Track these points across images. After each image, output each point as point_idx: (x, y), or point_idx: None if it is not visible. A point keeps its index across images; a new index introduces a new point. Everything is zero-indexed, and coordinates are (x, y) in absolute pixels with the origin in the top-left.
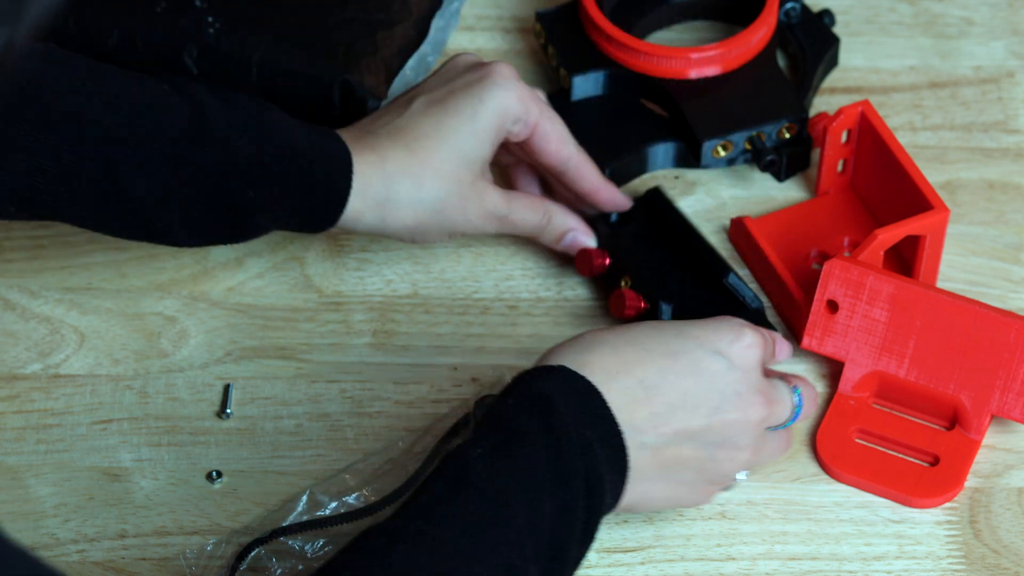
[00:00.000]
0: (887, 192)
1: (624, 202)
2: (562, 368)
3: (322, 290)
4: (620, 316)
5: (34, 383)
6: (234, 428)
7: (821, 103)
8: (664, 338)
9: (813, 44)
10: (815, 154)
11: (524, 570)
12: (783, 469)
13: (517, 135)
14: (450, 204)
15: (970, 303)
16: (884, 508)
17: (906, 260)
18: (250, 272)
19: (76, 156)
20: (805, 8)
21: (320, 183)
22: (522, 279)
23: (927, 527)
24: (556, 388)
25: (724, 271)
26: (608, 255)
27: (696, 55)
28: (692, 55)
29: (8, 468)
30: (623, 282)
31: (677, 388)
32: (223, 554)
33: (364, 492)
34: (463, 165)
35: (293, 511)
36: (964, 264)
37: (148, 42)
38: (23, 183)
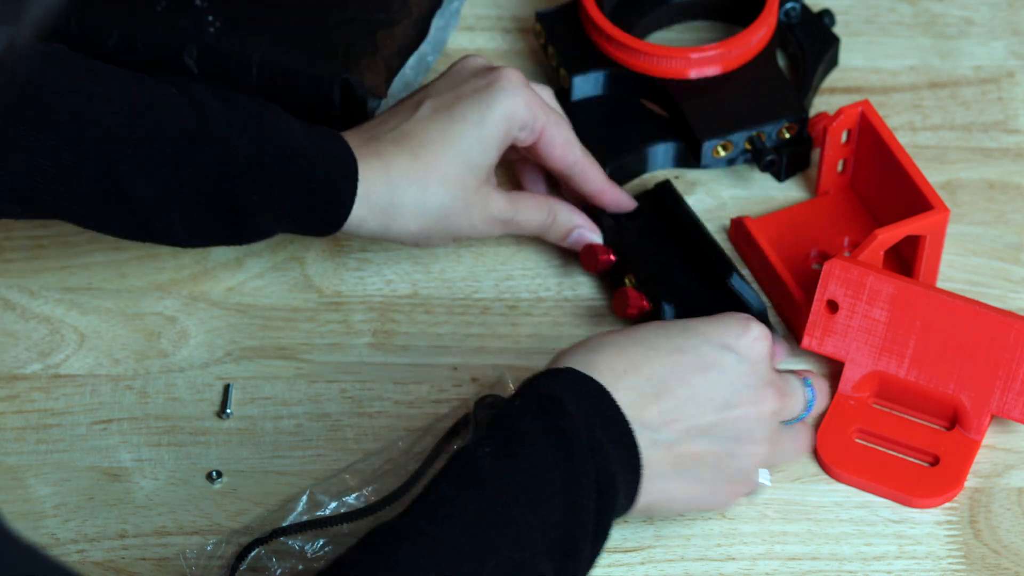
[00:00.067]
0: (887, 192)
1: (628, 203)
2: (570, 370)
3: (322, 290)
4: (623, 316)
5: (34, 383)
6: (234, 428)
7: (821, 103)
8: (670, 336)
9: (813, 44)
10: (815, 154)
11: (533, 567)
12: (783, 469)
13: (523, 141)
14: (455, 211)
15: (970, 303)
16: (884, 508)
17: (906, 260)
18: (250, 272)
19: (76, 156)
20: (805, 8)
21: (322, 184)
22: (522, 279)
23: (927, 527)
24: (564, 389)
25: (728, 271)
26: (613, 252)
27: (696, 55)
28: (692, 55)
29: (8, 468)
30: (627, 280)
31: (686, 384)
32: (223, 554)
33: (364, 492)
34: (469, 172)
35: (293, 511)
36: (964, 264)
37: (148, 42)
38: (23, 183)
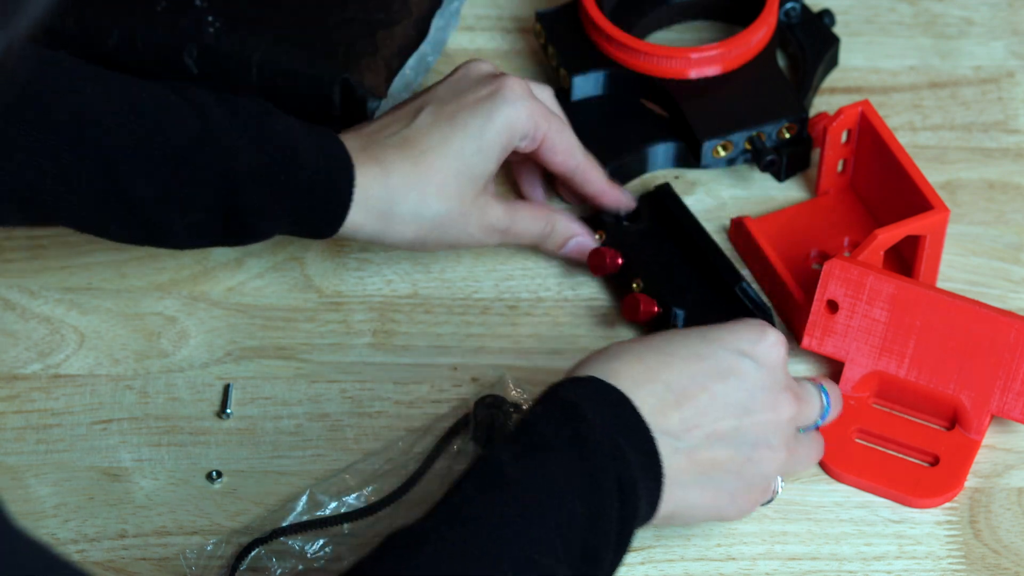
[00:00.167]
0: (887, 192)
1: (629, 202)
2: (592, 378)
3: (322, 290)
4: (633, 320)
5: (34, 383)
6: (234, 428)
7: (821, 103)
8: (688, 343)
9: (813, 44)
10: (815, 154)
11: (553, 573)
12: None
13: (524, 148)
14: (452, 219)
15: (970, 303)
16: (884, 508)
17: (906, 260)
18: (250, 272)
19: (76, 156)
20: (805, 8)
21: (321, 187)
22: (522, 279)
23: (927, 527)
24: (586, 397)
25: (734, 279)
26: (621, 255)
27: (696, 55)
28: (692, 55)
29: (8, 468)
30: (635, 284)
31: (706, 391)
32: (223, 554)
33: (364, 492)
34: (467, 181)
35: (293, 511)
36: (964, 264)
37: (148, 42)
38: (23, 183)
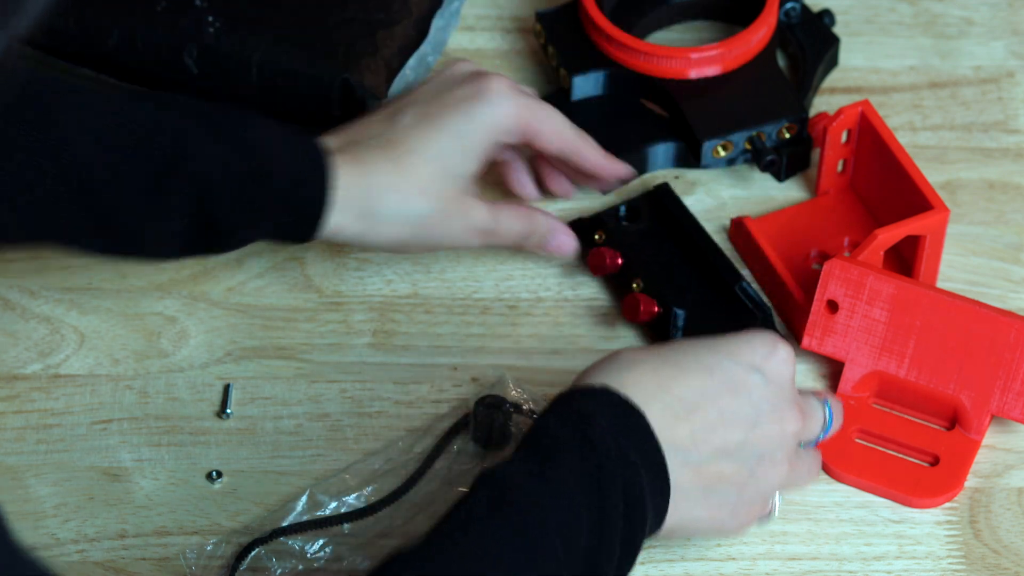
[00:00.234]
0: (887, 192)
1: (629, 172)
2: (604, 388)
3: (322, 290)
4: (634, 320)
5: (34, 383)
6: (234, 428)
7: (821, 103)
8: (699, 355)
9: (813, 44)
10: (815, 154)
11: None
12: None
13: (510, 142)
14: (434, 220)
15: (970, 303)
16: (884, 508)
17: (906, 260)
18: (250, 272)
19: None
20: (805, 8)
21: (298, 192)
22: (522, 279)
23: (927, 527)
24: (597, 407)
25: (734, 279)
26: (621, 255)
27: (696, 55)
28: (692, 55)
29: (8, 468)
30: (635, 284)
31: (716, 405)
32: (223, 554)
33: (364, 492)
34: (450, 182)
35: (293, 511)
36: (964, 264)
37: (148, 42)
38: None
